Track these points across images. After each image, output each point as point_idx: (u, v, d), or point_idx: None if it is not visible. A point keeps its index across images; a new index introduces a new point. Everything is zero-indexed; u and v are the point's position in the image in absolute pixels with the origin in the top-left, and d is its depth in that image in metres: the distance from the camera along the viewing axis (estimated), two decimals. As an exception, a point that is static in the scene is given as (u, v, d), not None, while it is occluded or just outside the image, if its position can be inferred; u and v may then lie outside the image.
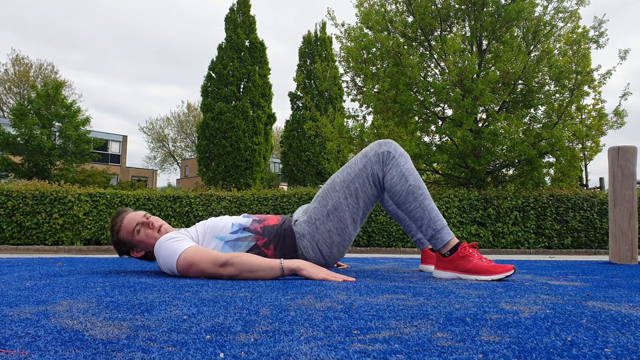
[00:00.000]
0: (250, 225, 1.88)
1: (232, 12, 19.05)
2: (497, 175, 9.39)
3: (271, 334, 0.80)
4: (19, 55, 34.54)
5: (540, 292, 1.38)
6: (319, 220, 1.83)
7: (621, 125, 8.38)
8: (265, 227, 1.88)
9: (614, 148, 2.96)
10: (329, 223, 1.82)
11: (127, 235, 1.86)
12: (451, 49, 7.81)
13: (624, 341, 0.77)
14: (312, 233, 1.83)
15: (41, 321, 0.89)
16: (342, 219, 1.82)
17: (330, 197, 1.83)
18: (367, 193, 1.83)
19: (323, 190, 1.86)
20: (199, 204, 8.29)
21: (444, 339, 0.77)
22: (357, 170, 1.82)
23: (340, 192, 1.82)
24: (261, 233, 1.86)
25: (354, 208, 1.83)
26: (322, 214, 1.82)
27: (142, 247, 1.88)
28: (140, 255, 1.90)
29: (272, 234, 1.86)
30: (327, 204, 1.82)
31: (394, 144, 1.82)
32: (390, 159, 1.79)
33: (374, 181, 1.81)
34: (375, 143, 1.84)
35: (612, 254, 2.94)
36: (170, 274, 1.75)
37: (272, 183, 25.31)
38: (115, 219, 1.90)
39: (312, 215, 1.84)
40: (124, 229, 1.87)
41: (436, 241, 1.77)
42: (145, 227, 1.87)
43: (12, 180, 13.80)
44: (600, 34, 8.20)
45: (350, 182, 1.82)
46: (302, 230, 1.84)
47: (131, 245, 1.88)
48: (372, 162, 1.80)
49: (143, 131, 42.66)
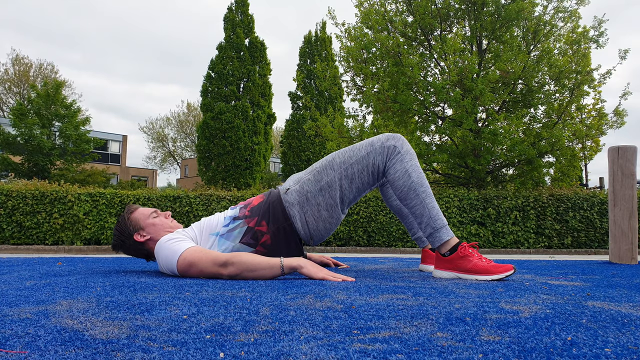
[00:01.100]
0: (239, 212, 1.89)
1: (230, 11, 19.03)
2: (497, 175, 9.39)
3: (271, 334, 0.80)
4: (19, 55, 34.58)
5: (540, 292, 1.38)
6: (310, 193, 1.84)
7: (621, 125, 8.39)
8: (252, 209, 1.89)
9: (614, 148, 2.96)
10: (319, 197, 1.83)
11: (142, 217, 1.89)
12: (451, 49, 7.81)
13: (624, 341, 0.77)
14: (301, 203, 1.84)
15: (41, 321, 0.89)
16: (333, 197, 1.84)
17: (326, 174, 1.84)
18: (363, 180, 1.84)
19: (321, 165, 1.87)
20: (199, 203, 8.29)
21: (444, 339, 0.77)
22: (360, 156, 1.83)
23: (337, 172, 1.83)
24: (250, 215, 1.86)
25: (347, 190, 1.85)
26: (314, 188, 1.84)
27: (150, 232, 1.87)
28: (143, 240, 1.87)
29: (260, 211, 1.86)
30: (321, 180, 1.84)
31: (402, 139, 1.83)
32: (396, 154, 1.80)
33: (372, 171, 1.83)
34: (384, 135, 1.84)
35: (612, 254, 2.93)
36: (170, 274, 1.75)
37: (272, 183, 25.30)
38: (133, 205, 1.97)
39: (304, 187, 1.85)
40: (140, 211, 1.92)
41: (434, 239, 1.77)
42: (160, 215, 1.93)
43: (12, 180, 13.80)
44: (600, 33, 8.21)
45: (350, 165, 1.83)
46: (292, 199, 1.85)
47: (139, 227, 1.88)
48: (376, 152, 1.81)
49: (143, 131, 42.71)
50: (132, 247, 1.89)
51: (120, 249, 1.91)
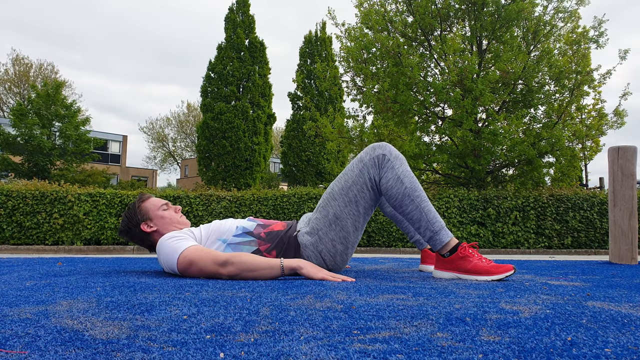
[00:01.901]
0: (254, 229, 1.87)
1: (231, 12, 19.05)
2: (497, 175, 9.39)
3: (271, 334, 0.80)
4: (19, 55, 34.56)
5: (540, 292, 1.38)
6: (322, 231, 1.81)
7: (621, 125, 8.38)
8: (269, 233, 1.86)
9: (614, 148, 2.96)
10: (331, 233, 1.80)
11: (152, 207, 1.89)
12: (451, 49, 7.81)
13: (624, 341, 0.77)
14: (315, 243, 1.81)
15: (41, 321, 0.89)
16: (344, 227, 1.80)
17: (330, 206, 1.81)
18: (366, 198, 1.81)
19: (323, 199, 1.85)
20: (199, 204, 8.29)
21: (444, 339, 0.77)
22: (354, 176, 1.80)
23: (339, 200, 1.80)
24: (264, 238, 1.84)
25: (355, 215, 1.81)
26: (324, 224, 1.81)
27: (157, 224, 1.87)
28: (150, 231, 1.87)
29: (276, 240, 1.84)
30: (328, 214, 1.81)
31: (388, 146, 1.81)
32: (386, 162, 1.77)
33: (371, 186, 1.80)
34: (369, 147, 1.82)
35: (612, 254, 2.93)
36: (170, 273, 1.76)
37: (272, 183, 25.30)
38: (145, 194, 1.96)
39: (314, 226, 1.83)
40: (151, 201, 1.91)
41: (435, 242, 1.77)
42: (171, 209, 1.92)
43: (12, 180, 13.80)
44: (600, 34, 8.20)
45: (349, 189, 1.80)
46: (305, 240, 1.82)
47: (148, 217, 1.87)
48: (367, 166, 1.79)
49: (143, 131, 42.72)
50: (137, 236, 1.90)
51: (126, 236, 1.91)
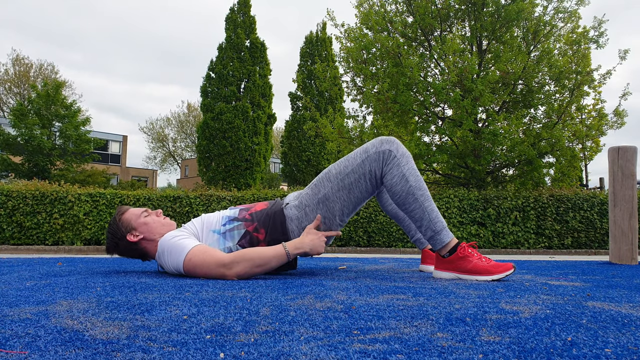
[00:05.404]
0: (239, 214, 1.88)
1: (232, 12, 19.05)
2: (497, 175, 9.39)
3: (271, 334, 0.80)
4: (19, 55, 34.59)
5: (540, 292, 1.38)
6: (309, 207, 1.82)
7: (621, 125, 8.38)
8: (253, 213, 1.87)
9: (614, 148, 2.96)
10: (317, 211, 1.81)
11: (133, 217, 1.86)
12: (451, 49, 7.81)
13: (624, 341, 0.77)
14: (300, 218, 1.82)
15: (41, 321, 0.89)
16: (331, 210, 1.81)
17: (323, 186, 1.82)
18: (361, 189, 1.80)
19: (318, 178, 1.85)
20: (199, 204, 8.29)
21: (444, 339, 0.77)
22: (355, 165, 1.79)
23: (333, 183, 1.80)
24: (250, 219, 1.85)
25: (345, 201, 1.81)
26: (312, 202, 1.82)
27: (142, 231, 1.83)
28: (136, 240, 1.82)
29: (262, 217, 1.85)
30: (318, 192, 1.82)
31: (396, 142, 1.78)
32: (392, 159, 1.75)
33: (370, 178, 1.79)
34: (377, 139, 1.80)
35: (612, 254, 2.93)
36: (174, 273, 1.75)
37: (272, 183, 25.31)
38: (123, 206, 1.94)
39: (302, 201, 1.84)
40: (131, 211, 1.88)
41: (435, 242, 1.76)
42: (151, 214, 1.90)
43: (12, 180, 13.80)
44: (600, 34, 8.20)
45: (346, 175, 1.79)
46: (291, 214, 1.83)
47: (132, 227, 1.83)
48: (371, 159, 1.77)
49: (143, 131, 42.72)
50: (126, 248, 1.85)
51: (115, 251, 1.87)
